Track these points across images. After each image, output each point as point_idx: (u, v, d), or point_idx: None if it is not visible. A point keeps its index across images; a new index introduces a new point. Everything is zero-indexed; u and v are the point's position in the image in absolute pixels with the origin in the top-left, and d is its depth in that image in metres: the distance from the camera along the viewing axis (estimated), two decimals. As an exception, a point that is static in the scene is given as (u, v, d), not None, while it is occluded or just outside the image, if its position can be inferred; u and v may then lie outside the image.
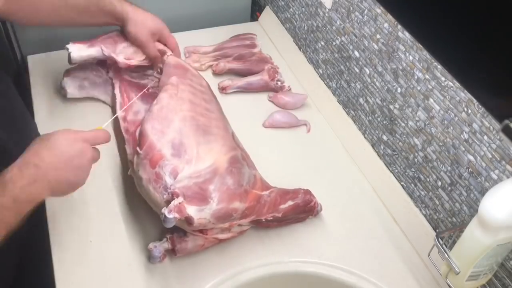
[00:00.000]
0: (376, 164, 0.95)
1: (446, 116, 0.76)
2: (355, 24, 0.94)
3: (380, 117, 0.93)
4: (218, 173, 0.76)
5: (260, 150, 0.93)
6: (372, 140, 0.97)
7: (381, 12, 0.86)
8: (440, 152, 0.79)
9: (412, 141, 0.85)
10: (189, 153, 0.76)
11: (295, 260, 0.82)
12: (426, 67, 0.78)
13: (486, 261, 0.64)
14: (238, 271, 0.79)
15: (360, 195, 0.93)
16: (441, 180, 0.80)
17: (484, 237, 0.61)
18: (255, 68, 1.14)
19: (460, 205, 0.77)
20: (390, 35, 0.85)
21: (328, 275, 0.81)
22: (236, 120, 0.91)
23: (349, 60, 0.99)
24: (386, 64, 0.88)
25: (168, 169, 0.74)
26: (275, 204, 0.81)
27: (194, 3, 1.27)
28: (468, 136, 0.73)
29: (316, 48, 1.11)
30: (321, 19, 1.06)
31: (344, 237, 0.86)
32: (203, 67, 1.15)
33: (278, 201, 0.82)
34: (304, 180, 0.94)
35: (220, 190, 0.75)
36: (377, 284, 0.80)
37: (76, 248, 0.79)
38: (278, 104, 1.09)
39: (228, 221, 0.76)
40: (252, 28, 1.28)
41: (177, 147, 0.76)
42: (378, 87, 0.91)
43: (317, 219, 0.88)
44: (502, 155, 0.68)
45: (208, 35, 1.24)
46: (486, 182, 0.71)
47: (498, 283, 0.70)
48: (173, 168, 0.74)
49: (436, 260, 0.71)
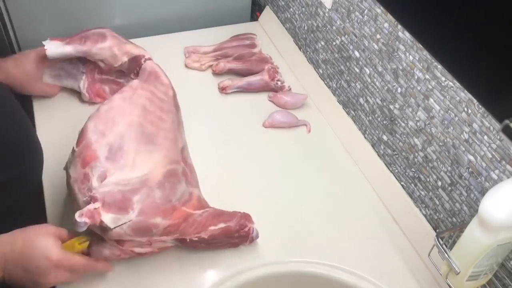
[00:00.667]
0: (376, 164, 0.95)
1: (446, 116, 0.76)
2: (355, 24, 0.94)
3: (380, 117, 0.92)
4: (147, 185, 0.72)
5: (260, 150, 0.93)
6: (372, 140, 0.96)
7: (381, 12, 0.86)
8: (440, 152, 0.79)
9: (412, 141, 0.85)
10: (125, 159, 0.73)
11: (295, 260, 0.82)
12: (426, 67, 0.78)
13: (486, 261, 0.64)
14: (238, 271, 0.79)
15: (360, 195, 0.93)
16: (441, 180, 0.80)
17: (484, 237, 0.61)
18: (255, 68, 1.14)
19: (460, 205, 0.77)
20: (390, 35, 0.85)
21: (328, 275, 0.81)
22: (236, 120, 0.91)
23: (349, 60, 0.99)
24: (386, 64, 0.88)
25: (98, 171, 0.71)
26: (205, 225, 0.76)
27: (194, 3, 1.27)
28: (468, 136, 0.73)
29: (316, 48, 1.11)
30: (321, 19, 1.06)
31: (344, 237, 0.86)
32: (203, 67, 1.15)
33: (209, 222, 0.77)
34: (304, 180, 0.94)
35: (144, 202, 0.70)
36: (377, 284, 0.80)
37: (76, 248, 0.79)
38: (278, 104, 1.09)
39: (147, 236, 0.72)
40: (252, 28, 1.29)
41: (114, 151, 0.73)
42: (378, 87, 0.91)
43: (317, 219, 0.88)
44: (502, 155, 0.68)
45: (208, 35, 1.24)
46: (486, 182, 0.71)
47: (498, 283, 0.70)
48: (103, 172, 0.71)
49: (436, 260, 0.71)
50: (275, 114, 1.05)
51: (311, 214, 0.89)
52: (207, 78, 1.14)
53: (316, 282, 0.81)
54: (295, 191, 0.93)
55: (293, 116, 1.05)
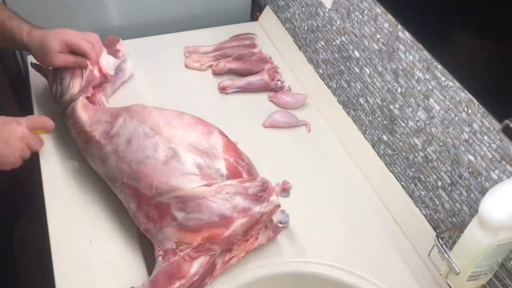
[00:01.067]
0: (376, 164, 0.95)
1: (446, 116, 0.76)
2: (355, 24, 0.94)
3: (380, 117, 0.92)
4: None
5: (260, 150, 0.93)
6: (372, 140, 0.96)
7: (381, 12, 0.86)
8: (440, 152, 0.79)
9: (412, 141, 0.85)
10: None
11: (295, 260, 0.82)
12: (426, 67, 0.78)
13: (486, 261, 0.64)
14: (238, 271, 0.79)
15: (360, 195, 0.93)
16: (441, 180, 0.80)
17: (484, 237, 0.61)
18: (255, 68, 1.14)
19: (460, 205, 0.77)
20: (390, 35, 0.85)
21: (328, 275, 0.81)
22: (236, 120, 0.91)
23: (349, 60, 0.99)
24: (386, 64, 0.88)
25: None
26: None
27: (194, 3, 1.27)
28: (468, 136, 0.73)
29: (316, 48, 1.10)
30: (321, 19, 1.06)
31: (344, 237, 0.86)
32: (203, 67, 1.15)
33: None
34: (304, 180, 0.94)
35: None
36: (377, 284, 0.79)
37: (76, 248, 0.79)
38: (278, 104, 1.09)
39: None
40: (252, 28, 1.29)
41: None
42: (378, 87, 0.91)
43: (317, 219, 0.88)
44: (502, 155, 0.68)
45: (208, 35, 1.24)
46: (486, 182, 0.71)
47: (498, 283, 0.70)
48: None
49: (436, 260, 0.71)
50: (275, 114, 1.05)
51: (311, 214, 0.89)
52: (207, 78, 1.14)
53: (316, 282, 0.81)
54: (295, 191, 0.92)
55: (293, 116, 1.05)
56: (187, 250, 0.71)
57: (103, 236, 0.81)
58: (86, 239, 0.81)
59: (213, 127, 0.84)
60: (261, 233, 0.78)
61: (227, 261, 0.76)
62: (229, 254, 0.76)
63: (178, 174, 0.74)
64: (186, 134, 0.80)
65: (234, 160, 0.79)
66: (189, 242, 0.71)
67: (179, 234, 0.72)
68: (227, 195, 0.72)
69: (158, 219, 0.74)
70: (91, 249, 0.80)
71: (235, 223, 0.71)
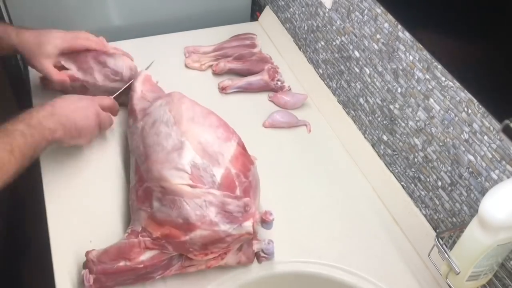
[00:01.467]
0: (376, 164, 0.95)
1: (446, 116, 0.76)
2: (355, 24, 0.94)
3: (380, 117, 0.92)
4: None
5: (260, 150, 0.93)
6: (372, 140, 0.96)
7: (381, 12, 0.86)
8: (440, 152, 0.79)
9: (412, 141, 0.85)
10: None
11: (295, 260, 0.82)
12: (426, 67, 0.78)
13: (486, 261, 0.64)
14: (238, 271, 0.79)
15: (360, 195, 0.93)
16: (441, 180, 0.80)
17: (484, 237, 0.61)
18: (255, 68, 1.14)
19: (460, 205, 0.77)
20: (390, 35, 0.85)
21: (328, 275, 0.81)
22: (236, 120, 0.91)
23: (349, 60, 0.99)
24: (386, 64, 0.88)
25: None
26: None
27: (194, 3, 1.27)
28: (468, 136, 0.73)
29: (316, 48, 1.10)
30: (321, 19, 1.06)
31: (344, 237, 0.86)
32: (203, 67, 1.15)
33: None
34: (303, 180, 0.94)
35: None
36: (377, 284, 0.80)
37: (76, 248, 0.79)
38: (278, 104, 1.09)
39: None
40: (252, 28, 1.29)
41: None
42: (378, 87, 0.91)
43: (317, 218, 0.88)
44: (502, 155, 0.68)
45: (208, 35, 1.24)
46: (486, 182, 0.71)
47: (498, 283, 0.70)
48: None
49: (436, 260, 0.71)
50: (275, 114, 1.05)
51: (311, 214, 0.89)
52: (207, 78, 1.14)
53: (316, 282, 0.81)
54: (295, 191, 0.93)
55: (293, 116, 1.05)
56: (146, 239, 0.73)
57: (103, 236, 0.81)
58: (86, 239, 0.81)
59: (235, 135, 0.83)
60: (230, 253, 0.77)
61: (185, 267, 0.76)
62: (189, 261, 0.76)
63: (172, 166, 0.75)
64: (202, 133, 0.80)
65: (236, 173, 0.77)
66: (150, 231, 0.74)
67: (147, 221, 0.75)
68: (204, 203, 0.72)
69: (141, 200, 0.77)
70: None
71: (195, 232, 0.71)
